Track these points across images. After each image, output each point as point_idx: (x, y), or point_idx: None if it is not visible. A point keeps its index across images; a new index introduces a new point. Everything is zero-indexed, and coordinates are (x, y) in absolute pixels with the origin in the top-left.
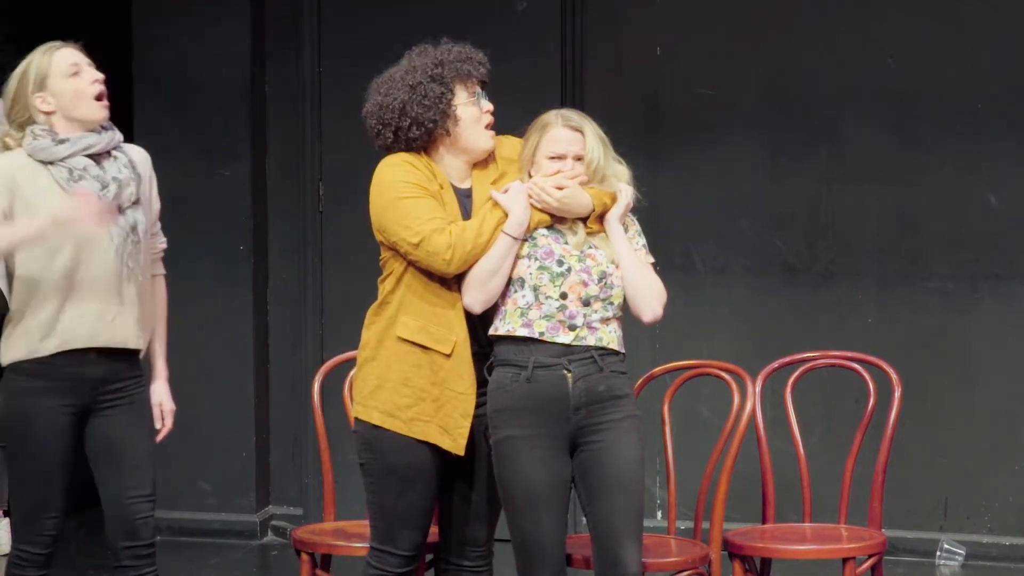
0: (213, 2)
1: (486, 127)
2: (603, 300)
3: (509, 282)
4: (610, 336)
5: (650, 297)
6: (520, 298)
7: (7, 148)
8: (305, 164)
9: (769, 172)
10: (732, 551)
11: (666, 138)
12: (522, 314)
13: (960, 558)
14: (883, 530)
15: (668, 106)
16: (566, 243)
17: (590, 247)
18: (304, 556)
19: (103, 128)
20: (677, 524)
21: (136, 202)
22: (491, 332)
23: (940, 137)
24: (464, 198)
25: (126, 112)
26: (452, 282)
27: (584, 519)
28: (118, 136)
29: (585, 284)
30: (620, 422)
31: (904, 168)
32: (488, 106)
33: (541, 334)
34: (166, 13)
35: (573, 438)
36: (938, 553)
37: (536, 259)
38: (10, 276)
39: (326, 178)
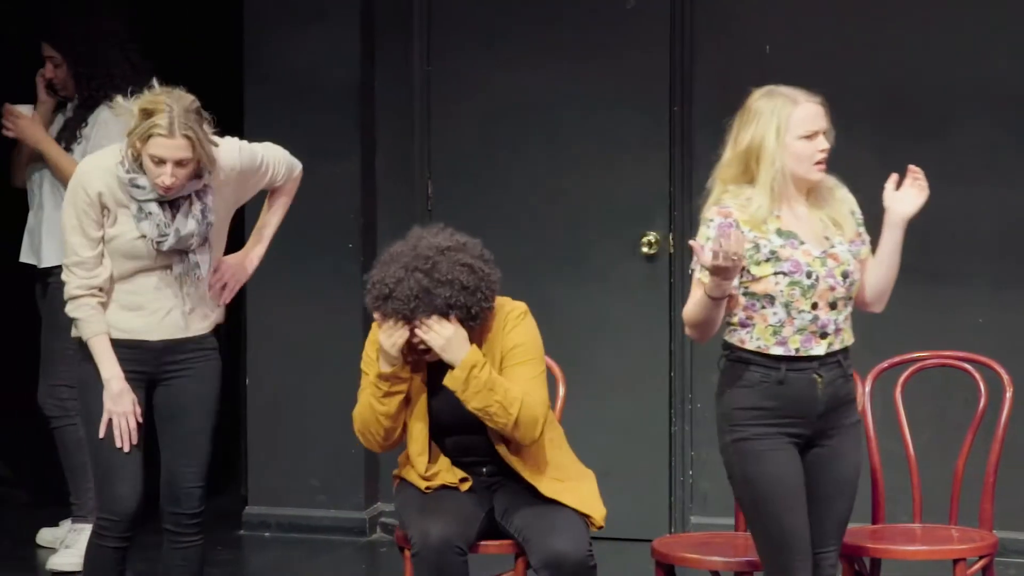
0: (323, 1)
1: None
2: (846, 299)
3: (753, 296)
4: (849, 332)
5: (888, 295)
6: (771, 315)
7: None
8: (414, 162)
9: (878, 170)
10: (842, 551)
11: None
12: (775, 332)
13: None
14: (994, 531)
15: None
16: (802, 243)
17: (832, 246)
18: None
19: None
20: None
21: (202, 244)
22: (733, 341)
23: None
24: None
25: (236, 111)
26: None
27: None
28: (205, 180)
29: (832, 288)
30: (850, 427)
31: (1016, 166)
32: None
33: (796, 350)
34: (276, 13)
35: (810, 439)
36: None
37: (784, 274)
38: None
39: (435, 176)
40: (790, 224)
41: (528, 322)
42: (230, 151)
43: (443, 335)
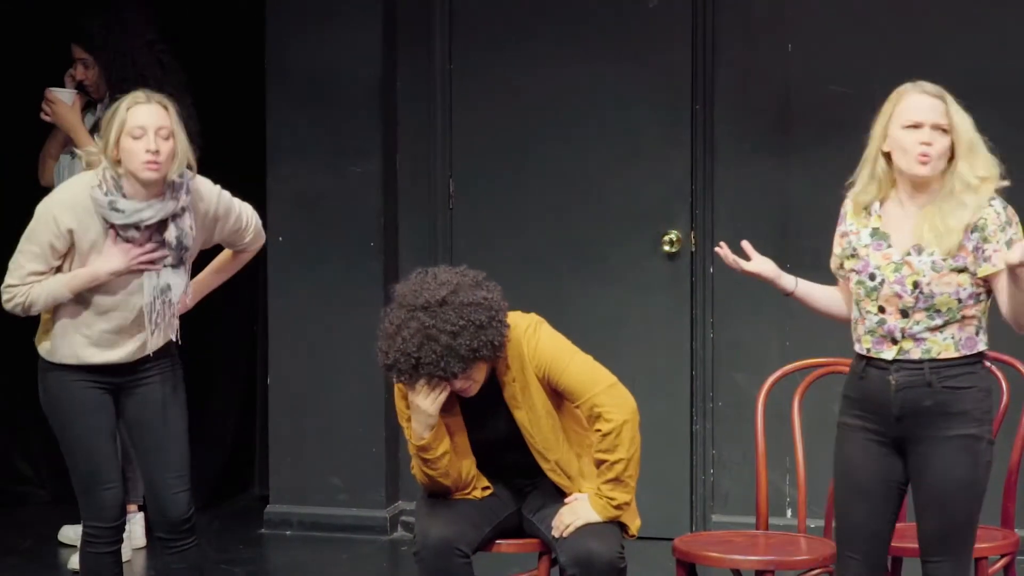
0: (344, 0)
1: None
2: (926, 310)
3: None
4: (944, 344)
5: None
6: (853, 312)
7: (88, 166)
8: (436, 161)
9: None
10: None
11: (798, 137)
12: (854, 328)
13: None
14: (1016, 530)
15: (800, 104)
16: (889, 246)
17: (910, 253)
18: None
19: (172, 190)
20: (807, 522)
21: (176, 266)
22: None
23: None
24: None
25: (259, 111)
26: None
27: None
28: (183, 201)
29: (899, 296)
30: (947, 440)
31: None
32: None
33: (868, 350)
34: (298, 12)
35: (898, 443)
36: None
37: (856, 272)
38: None
39: (456, 175)
40: (889, 224)
41: (545, 330)
42: (208, 184)
43: (580, 516)
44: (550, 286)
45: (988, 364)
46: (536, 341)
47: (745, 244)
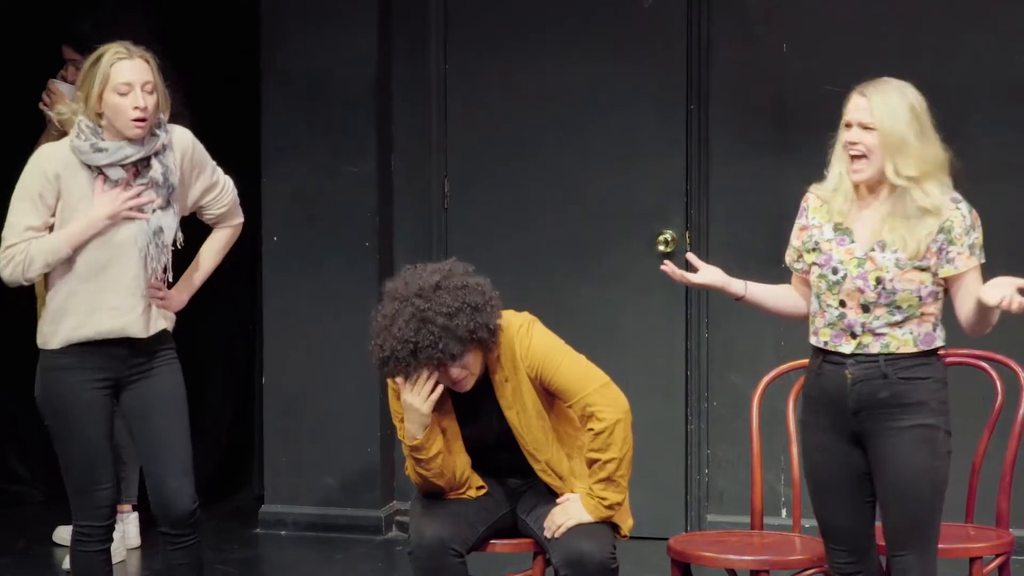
0: (340, 0)
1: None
2: (886, 305)
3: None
4: (903, 339)
5: (980, 327)
6: (813, 305)
7: (65, 127)
8: (431, 161)
9: None
10: None
11: (793, 136)
12: (812, 322)
13: None
14: (1011, 529)
15: (795, 104)
16: (852, 242)
17: (873, 249)
18: None
19: (152, 134)
20: (802, 522)
21: (165, 207)
22: None
23: None
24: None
25: (254, 111)
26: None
27: None
28: (162, 139)
29: (861, 291)
30: (904, 431)
31: None
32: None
33: (825, 343)
34: (293, 11)
35: (856, 438)
36: None
37: (818, 266)
38: None
39: (452, 175)
40: (853, 221)
41: (538, 329)
42: (182, 128)
43: (572, 516)
44: (545, 286)
45: (943, 357)
46: (529, 340)
47: (690, 256)
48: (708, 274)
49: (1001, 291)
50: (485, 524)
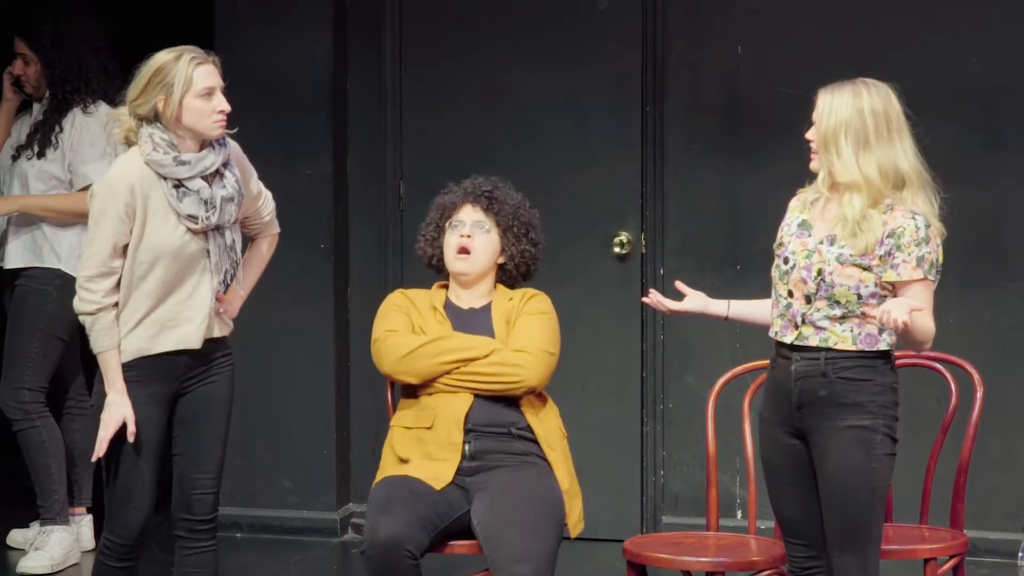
0: (295, 3)
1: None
2: (826, 298)
3: None
4: (842, 335)
5: (908, 344)
6: (772, 295)
7: (128, 143)
8: (386, 164)
9: None
10: None
11: (748, 138)
12: (770, 313)
13: None
14: (965, 531)
15: (750, 105)
16: (809, 236)
17: (822, 242)
18: None
19: (218, 143)
20: (757, 524)
21: (236, 222)
22: None
23: None
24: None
25: None
26: None
27: None
28: (229, 147)
29: (804, 281)
30: (840, 431)
31: (987, 168)
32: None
33: (775, 333)
34: (247, 14)
35: (800, 434)
36: (1020, 554)
37: (776, 256)
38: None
39: (407, 177)
40: (816, 217)
41: (548, 302)
42: (230, 139)
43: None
44: None
45: (894, 362)
46: (535, 294)
47: (679, 284)
48: (692, 301)
49: (890, 306)
50: (443, 524)
